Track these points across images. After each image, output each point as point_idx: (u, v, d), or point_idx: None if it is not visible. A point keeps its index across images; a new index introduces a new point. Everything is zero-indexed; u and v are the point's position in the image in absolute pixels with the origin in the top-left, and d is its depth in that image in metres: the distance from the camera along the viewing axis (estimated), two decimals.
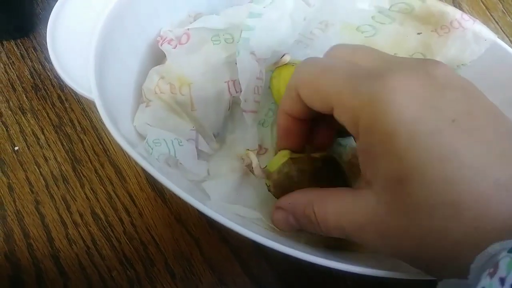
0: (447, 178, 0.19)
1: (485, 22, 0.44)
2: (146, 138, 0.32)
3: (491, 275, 0.17)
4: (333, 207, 0.25)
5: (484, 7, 0.45)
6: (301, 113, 0.28)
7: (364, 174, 0.24)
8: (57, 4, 0.32)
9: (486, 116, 0.21)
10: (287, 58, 0.37)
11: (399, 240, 0.22)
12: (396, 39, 0.35)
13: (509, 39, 0.44)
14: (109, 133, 0.28)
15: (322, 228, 0.26)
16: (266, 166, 0.33)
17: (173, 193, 0.27)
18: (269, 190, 0.32)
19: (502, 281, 0.16)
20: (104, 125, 0.28)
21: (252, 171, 0.34)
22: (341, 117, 0.24)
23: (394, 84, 0.21)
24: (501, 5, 0.45)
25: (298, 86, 0.27)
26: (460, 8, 0.45)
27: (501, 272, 0.17)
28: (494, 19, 0.45)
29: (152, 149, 0.31)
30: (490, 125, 0.21)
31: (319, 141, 0.32)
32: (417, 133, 0.20)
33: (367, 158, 0.23)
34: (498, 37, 0.33)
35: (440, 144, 0.20)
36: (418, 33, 0.34)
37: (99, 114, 0.28)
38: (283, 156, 0.31)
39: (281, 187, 0.31)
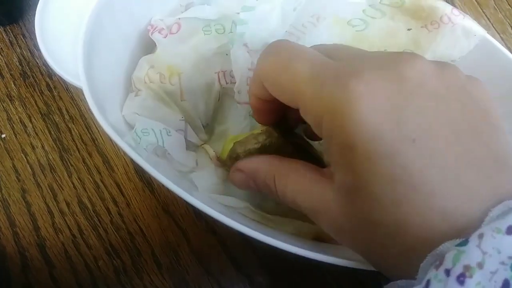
0: (395, 200, 0.19)
1: (477, 19, 0.44)
2: (134, 127, 0.32)
3: (437, 267, 0.17)
4: (293, 183, 0.25)
5: (476, 3, 0.45)
6: (269, 97, 0.26)
7: (329, 166, 0.24)
8: None
9: (456, 135, 0.20)
10: None
11: (350, 238, 0.23)
12: (386, 35, 0.35)
13: (500, 36, 0.44)
14: (98, 122, 0.27)
15: (281, 200, 0.26)
16: (219, 157, 0.34)
17: (161, 183, 0.27)
18: None
19: (448, 272, 0.17)
20: (92, 114, 0.27)
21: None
22: (306, 117, 0.23)
23: (359, 90, 0.20)
24: (493, 2, 0.45)
25: (262, 77, 0.25)
26: (452, 4, 0.45)
27: (447, 264, 0.17)
28: (485, 15, 0.45)
29: (140, 138, 0.31)
30: (456, 146, 0.20)
31: (294, 115, 0.31)
32: (374, 154, 0.19)
33: (329, 158, 0.23)
34: (488, 33, 0.33)
35: (395, 167, 0.19)
36: (408, 29, 0.34)
37: (87, 102, 0.28)
38: (230, 142, 0.33)
39: None
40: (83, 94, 0.28)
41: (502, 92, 0.34)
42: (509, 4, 0.45)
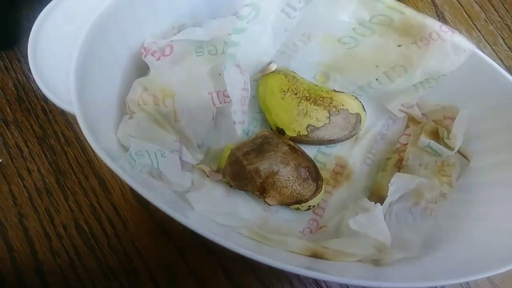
0: None
1: (468, 31, 0.45)
2: (129, 150, 0.32)
3: None
4: None
5: (467, 16, 0.46)
6: None
7: None
8: (39, 16, 0.32)
9: None
10: (273, 67, 0.37)
11: None
12: (377, 51, 0.35)
13: (492, 48, 0.45)
14: None
15: None
16: (217, 168, 0.36)
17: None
18: (230, 186, 0.35)
19: None
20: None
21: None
22: None
23: None
24: (483, 14, 0.46)
25: None
26: (443, 18, 0.46)
27: None
28: (476, 28, 0.45)
29: (135, 161, 0.31)
30: None
31: None
32: None
33: None
34: (478, 47, 0.33)
35: None
36: (399, 46, 0.34)
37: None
38: (227, 150, 0.35)
39: (237, 176, 0.35)
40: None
41: (494, 104, 0.34)
42: (499, 16, 0.45)
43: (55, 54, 0.32)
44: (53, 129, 0.39)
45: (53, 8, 0.33)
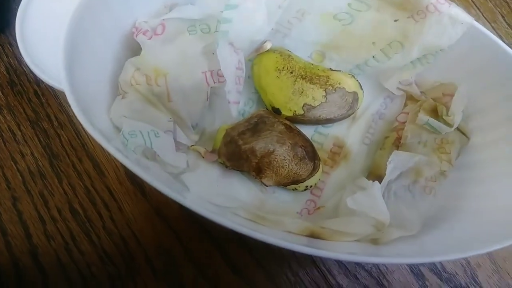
0: None
1: (466, 8, 0.44)
2: (122, 129, 0.31)
3: None
4: None
5: None
6: None
7: None
8: None
9: None
10: (267, 45, 0.37)
11: None
12: (373, 27, 0.35)
13: (491, 25, 0.44)
14: None
15: None
16: (212, 149, 0.35)
17: (152, 186, 0.26)
18: (226, 167, 0.35)
19: None
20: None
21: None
22: None
23: None
24: None
25: None
26: None
27: None
28: (475, 4, 0.45)
29: (127, 140, 0.31)
30: None
31: None
32: None
33: None
34: (478, 22, 0.32)
35: None
36: (395, 20, 0.34)
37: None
38: (222, 130, 0.35)
39: (233, 156, 0.34)
40: None
41: (493, 79, 0.34)
42: None
43: (44, 33, 0.31)
44: (46, 112, 0.39)
45: None
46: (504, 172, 0.33)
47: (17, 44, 0.40)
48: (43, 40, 0.31)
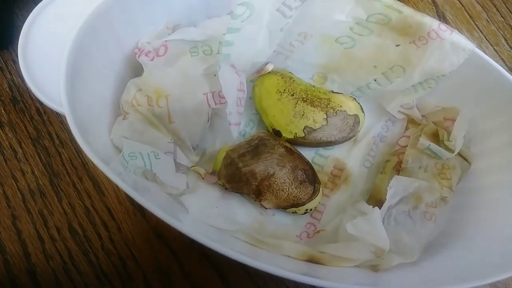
0: None
1: (470, 31, 0.44)
2: (122, 151, 0.31)
3: None
4: None
5: (468, 16, 0.45)
6: None
7: None
8: (30, 16, 0.32)
9: None
10: (269, 67, 0.37)
11: None
12: (375, 51, 0.35)
13: (494, 48, 0.44)
14: None
15: None
16: (212, 170, 0.35)
17: None
18: (226, 189, 0.35)
19: None
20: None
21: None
22: None
23: None
24: (485, 14, 0.45)
25: None
26: (444, 18, 0.45)
27: None
28: (478, 28, 0.45)
29: (127, 162, 0.31)
30: None
31: None
32: None
33: None
34: (480, 47, 0.32)
35: None
36: (397, 45, 0.34)
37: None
38: (222, 152, 0.35)
39: (233, 178, 0.34)
40: None
41: (495, 105, 0.33)
42: (501, 16, 0.45)
43: (46, 54, 0.31)
44: (48, 130, 0.39)
45: (44, 7, 0.32)
46: (505, 199, 0.33)
47: None
48: (46, 62, 0.31)
